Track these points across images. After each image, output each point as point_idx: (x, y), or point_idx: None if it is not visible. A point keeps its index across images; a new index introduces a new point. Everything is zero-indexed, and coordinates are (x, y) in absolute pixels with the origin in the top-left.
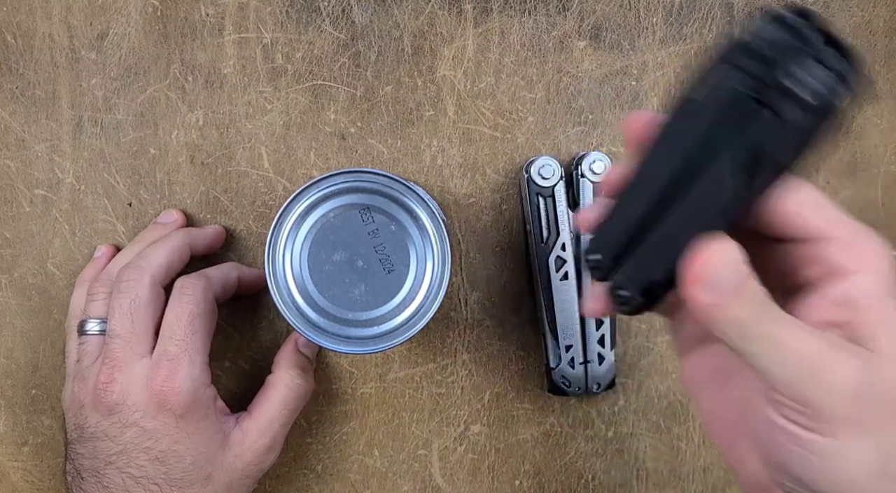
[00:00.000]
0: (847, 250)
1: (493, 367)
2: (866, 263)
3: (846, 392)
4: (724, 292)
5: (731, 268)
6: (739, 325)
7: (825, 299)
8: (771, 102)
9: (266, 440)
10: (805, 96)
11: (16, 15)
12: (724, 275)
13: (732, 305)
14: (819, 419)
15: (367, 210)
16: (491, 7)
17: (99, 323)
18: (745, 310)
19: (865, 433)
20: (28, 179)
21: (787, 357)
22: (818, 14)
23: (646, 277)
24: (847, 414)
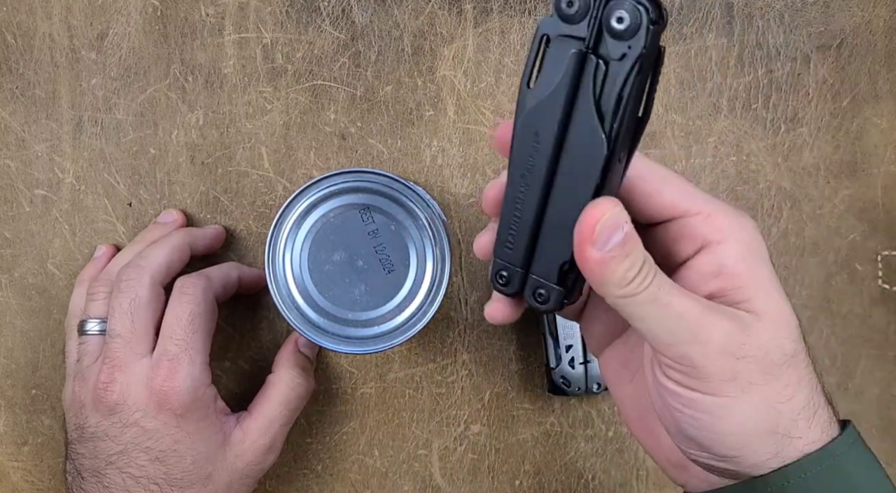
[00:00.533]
0: (708, 222)
1: (493, 367)
2: (728, 232)
3: (721, 350)
4: (611, 246)
5: (616, 223)
6: (626, 285)
7: (700, 273)
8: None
9: (266, 439)
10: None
11: (16, 15)
12: (609, 229)
13: (620, 262)
14: (699, 377)
15: (367, 210)
16: (491, 7)
17: (99, 323)
18: (631, 269)
19: (745, 390)
20: (28, 179)
21: (669, 318)
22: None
23: (555, 263)
24: (724, 371)
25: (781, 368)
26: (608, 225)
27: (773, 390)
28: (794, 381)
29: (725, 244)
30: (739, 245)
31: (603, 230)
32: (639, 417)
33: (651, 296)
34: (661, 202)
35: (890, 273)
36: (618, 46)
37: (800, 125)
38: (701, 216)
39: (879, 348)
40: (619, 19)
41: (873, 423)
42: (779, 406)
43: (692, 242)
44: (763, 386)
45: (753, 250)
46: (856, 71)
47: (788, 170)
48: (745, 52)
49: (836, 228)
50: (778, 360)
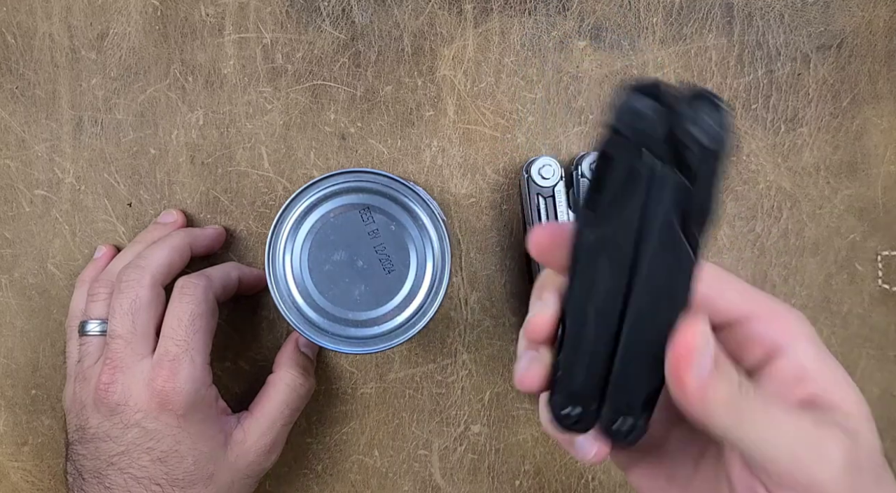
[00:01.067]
0: (773, 324)
1: (493, 367)
2: (796, 331)
3: (842, 466)
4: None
5: (707, 347)
6: (729, 407)
7: (782, 381)
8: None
9: (268, 439)
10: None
11: (16, 15)
12: (703, 356)
13: (719, 383)
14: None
15: (367, 210)
16: (491, 7)
17: (100, 324)
18: (730, 388)
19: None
20: (28, 179)
21: (783, 438)
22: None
23: (641, 392)
24: (843, 487)
25: (883, 467)
26: (703, 345)
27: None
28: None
29: (798, 346)
30: (811, 344)
31: (701, 350)
32: None
33: (755, 415)
34: (723, 307)
35: (890, 273)
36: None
37: (800, 125)
38: (763, 319)
39: (879, 348)
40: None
41: None
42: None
43: (761, 346)
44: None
45: (818, 342)
46: (856, 71)
47: (788, 170)
48: (745, 52)
49: (836, 228)
50: (879, 461)
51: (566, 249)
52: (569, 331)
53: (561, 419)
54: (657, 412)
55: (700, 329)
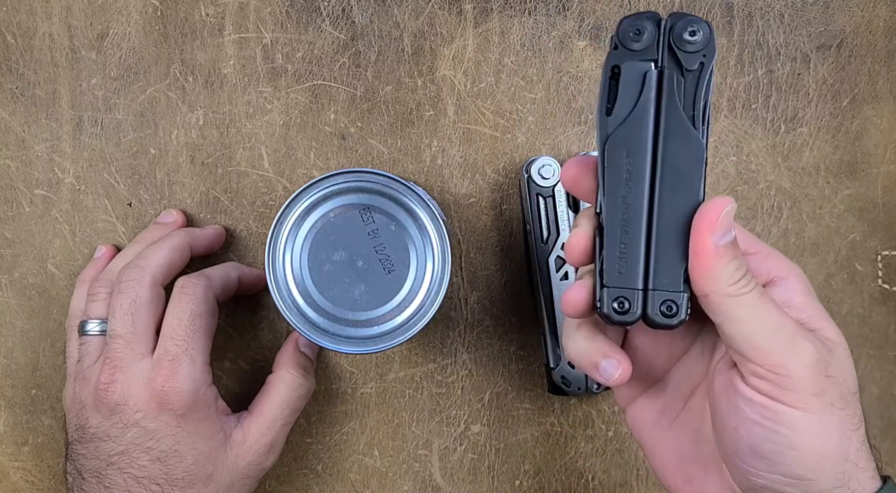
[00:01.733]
0: (768, 260)
1: (493, 367)
2: (787, 269)
3: (815, 364)
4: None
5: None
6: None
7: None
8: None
9: (268, 439)
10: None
11: (16, 15)
12: (728, 221)
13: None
14: (790, 388)
15: (367, 210)
16: (491, 7)
17: (100, 323)
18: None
19: (826, 409)
20: (28, 179)
21: (770, 324)
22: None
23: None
24: (814, 385)
25: (853, 397)
26: (727, 217)
27: (847, 416)
28: (858, 412)
29: (789, 280)
30: (800, 281)
31: (725, 219)
32: (677, 464)
33: (755, 299)
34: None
35: (890, 273)
36: (693, 58)
37: (800, 125)
38: (760, 255)
39: (879, 348)
40: (693, 33)
41: (873, 423)
42: (850, 433)
43: (758, 277)
44: (840, 410)
45: (809, 286)
46: (856, 71)
47: (788, 170)
48: (745, 52)
49: (836, 228)
50: (852, 389)
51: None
52: (606, 225)
53: (612, 311)
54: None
55: (728, 202)
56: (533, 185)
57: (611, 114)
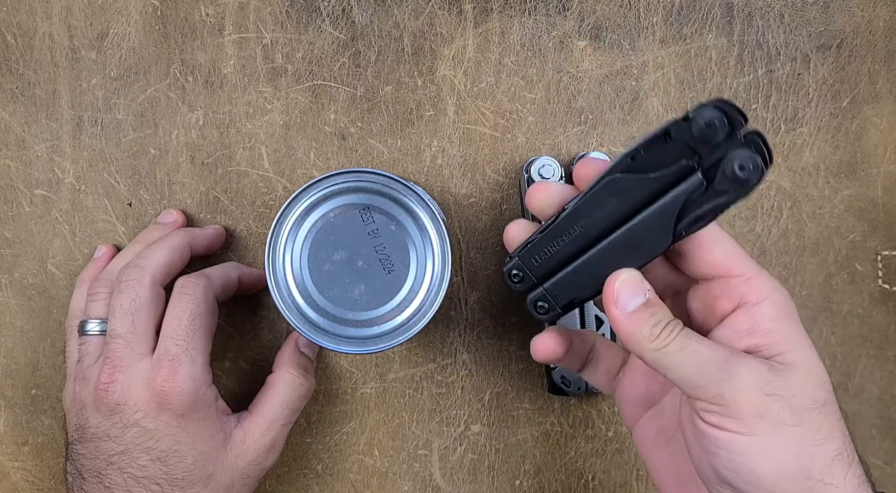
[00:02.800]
0: (749, 283)
1: (493, 367)
2: (766, 294)
3: (750, 385)
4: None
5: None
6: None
7: (734, 330)
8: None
9: (268, 439)
10: (736, 172)
11: (16, 15)
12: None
13: (646, 320)
14: (732, 415)
15: (367, 210)
16: (491, 7)
17: (100, 323)
18: (657, 325)
19: (775, 428)
20: (28, 179)
21: (699, 362)
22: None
23: (570, 294)
24: (754, 406)
25: (811, 412)
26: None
27: (804, 432)
28: (825, 427)
29: (762, 305)
30: (775, 307)
31: (621, 291)
32: (675, 482)
33: (679, 345)
34: (708, 260)
35: (890, 273)
36: (725, 183)
37: (800, 125)
38: (742, 278)
39: (879, 348)
40: (742, 168)
41: (873, 423)
42: (811, 449)
43: (731, 300)
44: (794, 427)
45: (788, 313)
46: (856, 71)
47: (788, 170)
48: (745, 52)
49: (836, 228)
50: (808, 404)
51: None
52: (558, 224)
53: (508, 275)
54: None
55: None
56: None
57: (634, 160)
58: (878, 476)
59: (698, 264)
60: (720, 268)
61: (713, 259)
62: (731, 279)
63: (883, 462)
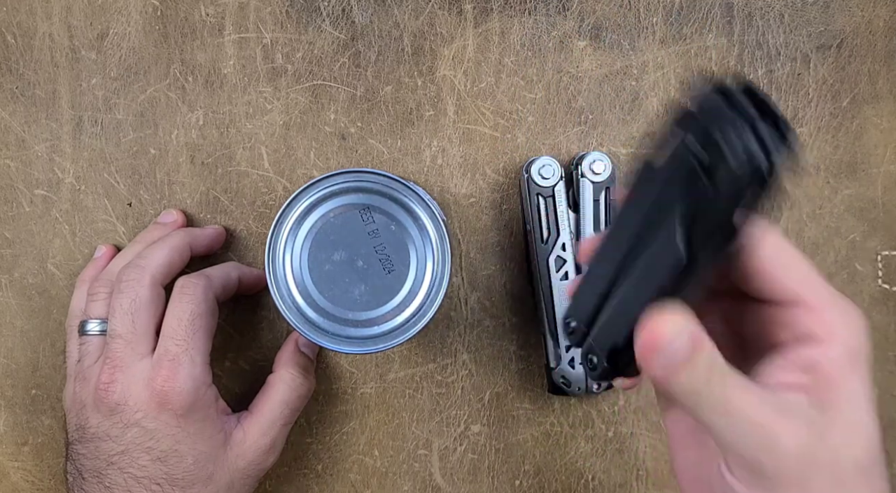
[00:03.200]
0: (818, 317)
1: (493, 367)
2: (835, 333)
3: (792, 456)
4: (673, 361)
5: (681, 338)
6: (691, 392)
7: (791, 362)
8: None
9: (268, 439)
10: (732, 164)
11: (16, 15)
12: (673, 346)
13: (682, 373)
14: (767, 481)
15: (367, 210)
16: (491, 7)
17: (100, 323)
18: (695, 377)
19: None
20: (28, 179)
21: (737, 422)
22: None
23: (609, 343)
24: (792, 478)
25: (854, 480)
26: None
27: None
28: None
29: (829, 344)
30: (843, 350)
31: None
32: (694, 483)
33: (719, 400)
34: (776, 286)
35: (890, 273)
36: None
37: (800, 125)
38: (812, 310)
39: (879, 348)
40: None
41: None
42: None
43: (792, 331)
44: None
45: (855, 357)
46: (856, 71)
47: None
48: (745, 52)
49: (836, 228)
50: (850, 469)
51: None
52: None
53: (564, 323)
54: None
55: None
56: (533, 185)
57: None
58: None
59: (764, 286)
60: (789, 294)
61: (782, 284)
62: (798, 308)
63: None
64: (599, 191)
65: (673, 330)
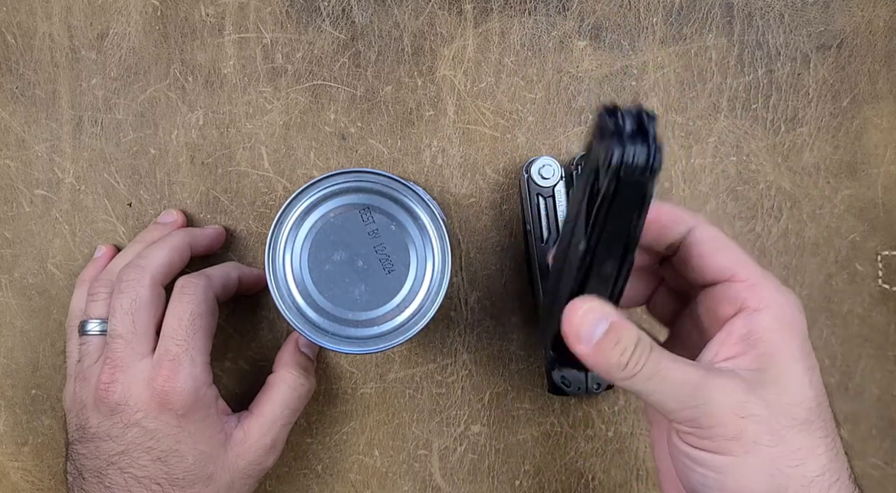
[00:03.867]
0: (752, 289)
1: (493, 367)
2: (769, 302)
3: (723, 408)
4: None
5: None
6: (623, 368)
7: (728, 334)
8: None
9: (268, 439)
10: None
11: (16, 15)
12: (589, 325)
13: (611, 349)
14: (706, 436)
15: (367, 210)
16: (491, 7)
17: (100, 323)
18: (623, 353)
19: (749, 449)
20: (28, 179)
21: (672, 387)
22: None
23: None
24: (727, 429)
25: (790, 431)
26: (587, 322)
27: (780, 453)
28: (805, 446)
29: (762, 313)
30: (775, 317)
31: (582, 328)
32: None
33: (650, 372)
34: (713, 264)
35: (890, 273)
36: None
37: (800, 125)
38: (746, 283)
39: (879, 348)
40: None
41: (873, 423)
42: (787, 470)
43: (732, 305)
44: (770, 447)
45: (789, 324)
46: (856, 71)
47: (788, 170)
48: (745, 52)
49: (836, 228)
50: (786, 423)
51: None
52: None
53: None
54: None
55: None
56: (533, 185)
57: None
58: (879, 476)
59: (702, 270)
60: (724, 273)
61: (716, 264)
62: (735, 284)
63: (883, 462)
64: None
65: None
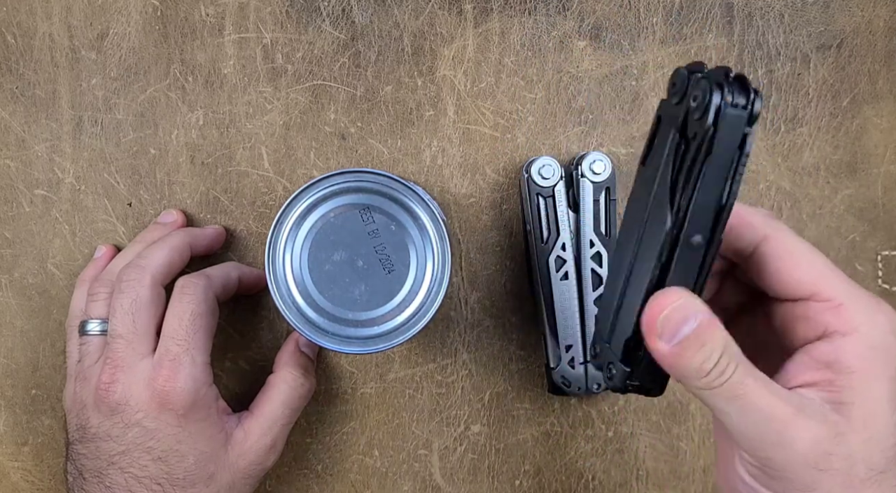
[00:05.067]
0: (836, 311)
1: (493, 367)
2: (855, 327)
3: (805, 459)
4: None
5: (685, 315)
6: (703, 376)
7: (811, 358)
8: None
9: (268, 439)
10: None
11: (16, 15)
12: (676, 322)
13: (694, 353)
14: (778, 478)
15: (367, 210)
16: (491, 7)
17: (100, 323)
18: (707, 360)
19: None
20: (28, 179)
21: (753, 417)
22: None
23: (621, 340)
24: (804, 480)
25: (865, 483)
26: (674, 318)
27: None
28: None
29: (849, 338)
30: (864, 343)
31: (667, 323)
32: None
33: (732, 391)
34: (791, 281)
35: (890, 273)
36: (695, 126)
37: (800, 125)
38: (831, 304)
39: None
40: (694, 98)
41: None
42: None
43: (814, 328)
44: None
45: (879, 352)
46: (856, 71)
47: (788, 170)
48: (745, 52)
49: (836, 228)
50: (863, 475)
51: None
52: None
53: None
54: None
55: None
56: (533, 185)
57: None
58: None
59: (780, 283)
60: (805, 289)
61: (797, 279)
62: (817, 304)
63: None
64: (599, 191)
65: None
